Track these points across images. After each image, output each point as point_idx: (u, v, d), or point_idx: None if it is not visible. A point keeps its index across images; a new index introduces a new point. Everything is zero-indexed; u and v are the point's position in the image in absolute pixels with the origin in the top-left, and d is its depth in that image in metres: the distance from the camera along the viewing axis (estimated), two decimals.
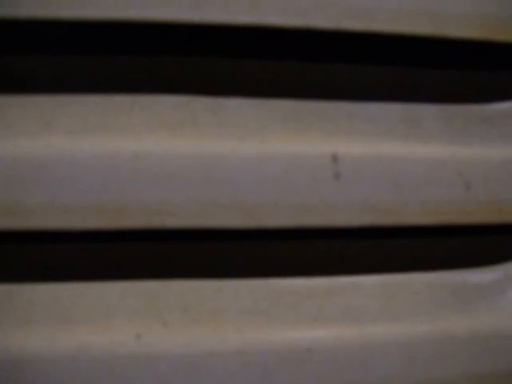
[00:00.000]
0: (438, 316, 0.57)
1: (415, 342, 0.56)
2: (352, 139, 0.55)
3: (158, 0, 0.51)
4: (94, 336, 0.53)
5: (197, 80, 0.54)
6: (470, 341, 0.56)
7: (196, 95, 0.53)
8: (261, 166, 0.53)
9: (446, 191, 0.55)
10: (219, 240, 0.55)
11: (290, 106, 0.54)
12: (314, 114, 0.54)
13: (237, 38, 0.54)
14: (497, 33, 0.55)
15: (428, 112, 0.56)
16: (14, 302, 0.53)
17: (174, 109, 0.53)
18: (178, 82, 0.53)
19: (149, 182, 0.52)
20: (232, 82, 0.54)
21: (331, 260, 0.56)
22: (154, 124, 0.53)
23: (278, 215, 0.53)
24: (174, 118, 0.53)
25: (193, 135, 0.53)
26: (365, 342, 0.55)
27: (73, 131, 0.52)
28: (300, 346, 0.54)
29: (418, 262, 0.57)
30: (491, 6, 0.55)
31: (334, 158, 0.54)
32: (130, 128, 0.53)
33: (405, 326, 0.56)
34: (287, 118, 0.54)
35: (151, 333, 0.53)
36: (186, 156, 0.52)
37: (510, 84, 0.58)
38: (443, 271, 0.57)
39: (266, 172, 0.53)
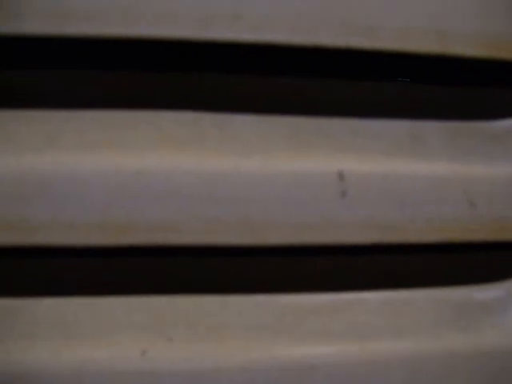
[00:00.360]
0: (441, 333, 0.57)
1: (419, 358, 0.56)
2: (357, 156, 0.55)
3: (163, 17, 0.51)
4: (99, 351, 0.53)
5: (203, 96, 0.54)
6: (473, 358, 0.56)
7: (202, 111, 0.54)
8: (266, 183, 0.53)
9: (450, 209, 0.55)
10: (225, 256, 0.55)
11: (295, 123, 0.54)
12: (319, 131, 0.55)
13: (243, 55, 0.54)
14: (502, 51, 0.55)
15: (433, 129, 0.56)
16: (18, 316, 0.53)
17: (178, 125, 0.53)
18: (184, 98, 0.53)
19: (153, 198, 0.52)
20: (238, 98, 0.54)
21: (335, 276, 0.56)
22: (159, 140, 0.53)
23: (282, 233, 0.53)
24: (179, 134, 0.53)
25: (197, 152, 0.53)
26: (368, 359, 0.55)
27: (77, 147, 0.52)
28: (304, 362, 0.54)
29: (421, 278, 0.57)
30: (496, 25, 0.55)
31: (341, 176, 0.54)
32: (134, 144, 0.52)
33: (409, 342, 0.56)
34: (293, 135, 0.54)
35: (156, 349, 0.53)
36: (190, 173, 0.52)
37: None
38: (447, 288, 0.57)
39: (271, 189, 0.53)
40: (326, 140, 0.55)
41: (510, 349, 0.57)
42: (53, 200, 0.52)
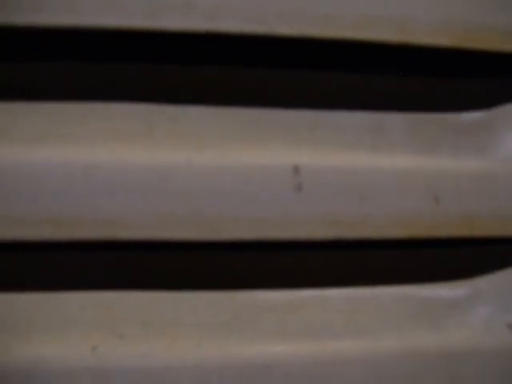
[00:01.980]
0: (405, 332, 0.55)
1: (381, 358, 0.54)
2: (314, 150, 0.53)
3: (111, 6, 0.49)
4: (50, 348, 0.52)
5: (154, 88, 0.52)
6: (437, 357, 0.55)
7: (153, 103, 0.52)
8: (219, 176, 0.51)
9: (413, 204, 0.54)
10: (178, 251, 0.53)
11: (250, 115, 0.53)
12: (275, 124, 0.53)
13: (196, 45, 0.52)
14: (468, 41, 0.53)
15: (396, 121, 0.54)
16: None
17: (129, 117, 0.52)
18: (135, 89, 0.52)
19: (103, 193, 0.51)
20: (191, 89, 0.53)
21: (294, 272, 0.55)
22: (109, 133, 0.51)
23: (237, 228, 0.52)
24: (130, 127, 0.52)
25: (148, 145, 0.52)
26: (328, 359, 0.54)
27: (26, 140, 0.51)
28: (260, 361, 0.53)
29: (384, 275, 0.55)
30: (461, 14, 0.53)
31: (296, 170, 0.52)
32: (84, 137, 0.51)
33: (370, 341, 0.54)
34: (247, 128, 0.53)
35: (107, 345, 0.52)
36: (141, 166, 0.51)
37: (482, 93, 0.56)
38: (411, 285, 0.55)
39: (225, 183, 0.51)
40: (281, 133, 0.53)
41: (476, 348, 0.55)
42: (1, 194, 0.51)
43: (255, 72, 0.53)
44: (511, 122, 0.56)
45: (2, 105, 0.51)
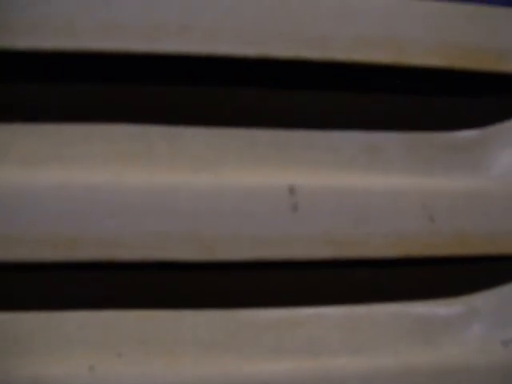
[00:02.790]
0: (400, 349, 0.55)
1: (377, 375, 0.55)
2: (310, 170, 0.53)
3: (109, 30, 0.50)
4: (48, 367, 0.52)
5: (153, 109, 0.53)
6: (434, 375, 0.55)
7: (151, 124, 0.53)
8: (215, 197, 0.52)
9: (408, 223, 0.54)
10: (178, 269, 0.54)
11: (246, 136, 0.53)
12: (271, 144, 0.53)
13: (194, 66, 0.52)
14: (462, 61, 0.53)
15: (391, 141, 0.55)
16: None
17: (128, 139, 0.52)
18: (133, 110, 0.52)
19: (102, 213, 0.51)
20: (189, 110, 0.53)
21: (292, 291, 0.55)
22: (108, 154, 0.52)
23: (234, 248, 0.52)
24: (129, 148, 0.52)
25: (147, 166, 0.52)
26: (325, 376, 0.54)
27: (26, 162, 0.51)
28: (259, 379, 0.53)
29: (380, 293, 0.56)
30: (454, 34, 0.53)
31: (291, 190, 0.52)
32: (83, 159, 0.52)
33: (367, 359, 0.55)
34: (244, 148, 0.53)
35: (104, 364, 0.52)
36: (139, 187, 0.52)
37: (476, 112, 0.56)
38: (406, 303, 0.56)
39: (221, 204, 0.52)
40: (277, 153, 0.53)
41: (471, 365, 0.55)
42: (1, 214, 0.51)
43: (251, 93, 0.53)
44: (505, 140, 0.56)
45: (2, 126, 0.52)
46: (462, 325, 0.56)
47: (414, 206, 0.54)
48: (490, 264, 0.56)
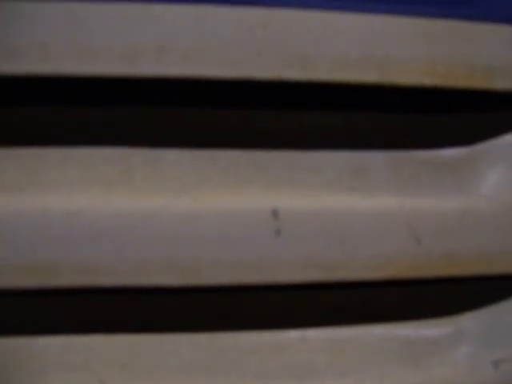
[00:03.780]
0: (388, 371, 0.55)
1: None
2: (294, 192, 0.52)
3: (85, 54, 0.49)
4: None
5: (132, 132, 0.52)
6: None
7: (131, 147, 0.52)
8: (197, 222, 0.51)
9: (394, 245, 0.53)
10: (160, 294, 0.53)
11: (228, 158, 0.52)
12: (253, 166, 0.52)
13: (172, 88, 0.51)
14: (447, 79, 0.52)
15: (376, 160, 0.54)
16: None
17: (108, 163, 0.51)
18: (113, 133, 0.51)
19: (81, 240, 0.50)
20: (169, 133, 0.52)
21: (276, 314, 0.54)
22: (87, 179, 0.51)
23: (215, 273, 0.51)
24: (108, 172, 0.51)
25: (127, 191, 0.51)
26: None
27: (2, 187, 0.50)
28: None
29: (367, 314, 0.55)
30: (442, 52, 0.52)
31: (275, 214, 0.51)
32: (61, 184, 0.51)
33: (353, 381, 0.54)
34: (225, 171, 0.52)
35: None
36: (120, 212, 0.51)
37: (464, 129, 0.55)
38: (393, 324, 0.55)
39: (202, 228, 0.51)
40: (260, 175, 0.52)
41: None
42: None
43: (232, 114, 0.52)
44: (494, 158, 0.55)
45: None
46: (450, 346, 0.55)
47: (399, 227, 0.53)
48: (478, 284, 0.55)
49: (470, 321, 0.55)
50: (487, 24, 0.52)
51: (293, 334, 0.54)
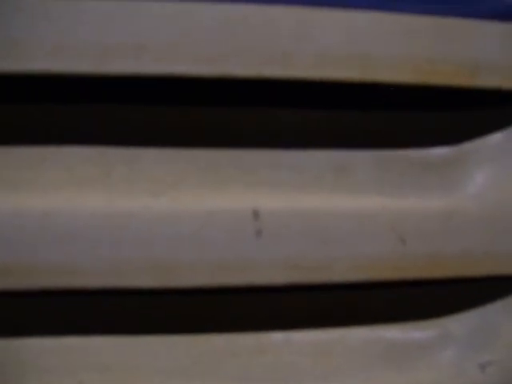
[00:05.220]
0: (373, 374, 0.53)
1: None
2: (275, 192, 0.51)
3: (60, 52, 0.48)
4: None
5: (110, 131, 0.51)
6: None
7: (109, 146, 0.51)
8: (176, 222, 0.50)
9: (378, 247, 0.52)
10: (138, 295, 0.52)
11: (208, 157, 0.51)
12: (233, 165, 0.51)
13: (150, 86, 0.50)
14: (432, 76, 0.51)
15: (359, 159, 0.52)
16: None
17: (85, 162, 0.50)
18: (91, 133, 0.50)
19: (58, 240, 0.49)
20: (147, 132, 0.51)
21: (258, 315, 0.53)
22: (64, 179, 0.50)
23: (194, 274, 0.50)
24: (85, 172, 0.50)
25: (105, 191, 0.50)
26: None
27: None
28: None
29: (352, 316, 0.54)
30: (426, 48, 0.51)
31: (255, 214, 0.50)
32: (38, 183, 0.50)
33: None
34: (205, 170, 0.51)
35: None
36: (97, 213, 0.50)
37: (450, 128, 0.53)
38: (379, 326, 0.54)
39: (181, 229, 0.50)
40: (240, 175, 0.51)
41: None
42: None
43: (212, 112, 0.51)
44: (480, 157, 0.54)
45: None
46: (436, 348, 0.54)
47: (383, 228, 0.52)
48: (464, 286, 0.54)
49: (456, 323, 0.54)
50: (473, 21, 0.51)
51: (275, 337, 0.53)
